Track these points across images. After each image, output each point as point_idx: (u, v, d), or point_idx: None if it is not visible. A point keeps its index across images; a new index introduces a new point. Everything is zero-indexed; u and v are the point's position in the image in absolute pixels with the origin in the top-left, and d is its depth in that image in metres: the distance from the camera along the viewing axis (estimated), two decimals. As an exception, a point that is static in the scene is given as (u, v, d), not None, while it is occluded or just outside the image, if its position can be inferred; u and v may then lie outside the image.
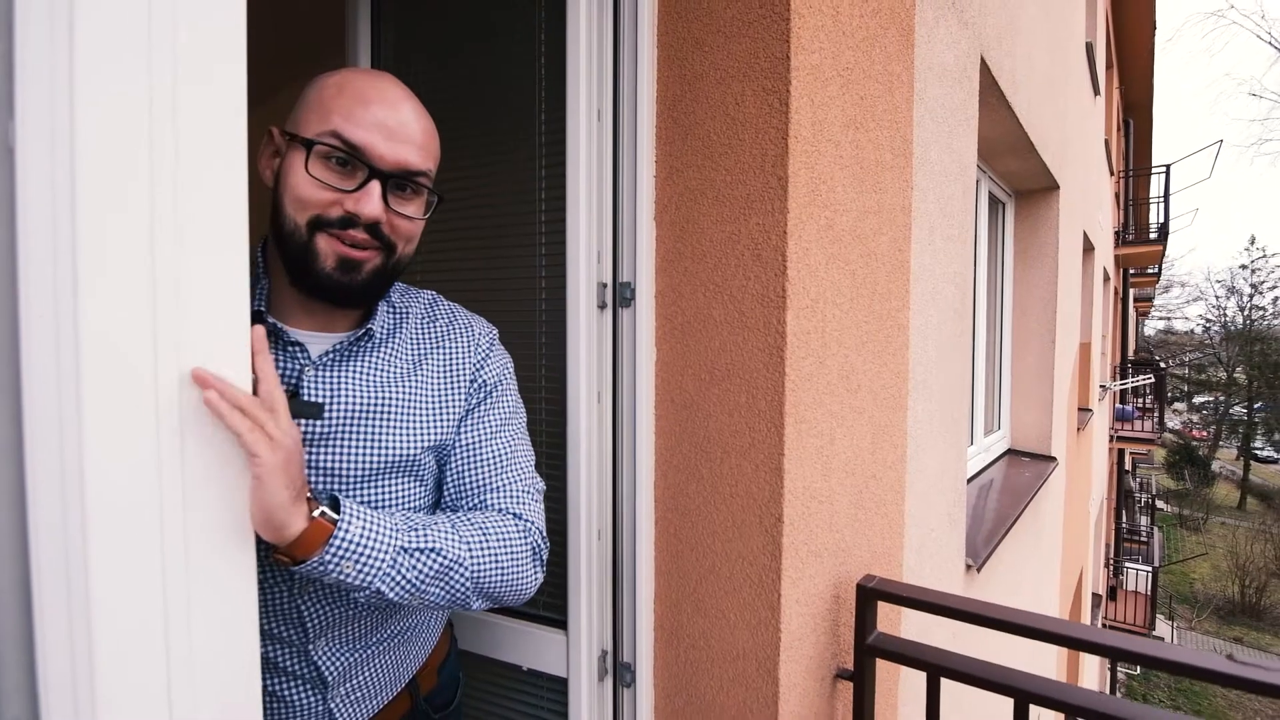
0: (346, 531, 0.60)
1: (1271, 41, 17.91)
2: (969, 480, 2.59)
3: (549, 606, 1.13)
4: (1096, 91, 5.55)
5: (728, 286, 0.95)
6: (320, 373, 0.70)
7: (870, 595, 1.02)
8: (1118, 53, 8.89)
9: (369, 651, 0.77)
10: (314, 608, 0.71)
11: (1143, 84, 10.57)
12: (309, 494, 0.60)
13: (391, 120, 0.67)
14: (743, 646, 0.94)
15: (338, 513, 0.61)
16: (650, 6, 1.00)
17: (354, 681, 0.76)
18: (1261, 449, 34.73)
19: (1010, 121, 2.39)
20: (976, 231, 2.66)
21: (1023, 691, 0.86)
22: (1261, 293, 32.31)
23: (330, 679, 0.73)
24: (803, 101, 0.91)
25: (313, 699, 0.73)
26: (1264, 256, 31.79)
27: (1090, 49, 5.01)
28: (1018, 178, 3.08)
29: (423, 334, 0.79)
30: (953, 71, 1.63)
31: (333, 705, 0.74)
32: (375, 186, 0.65)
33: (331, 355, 0.71)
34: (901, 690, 1.26)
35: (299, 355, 0.69)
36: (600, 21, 1.01)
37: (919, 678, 1.07)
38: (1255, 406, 32.61)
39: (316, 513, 0.59)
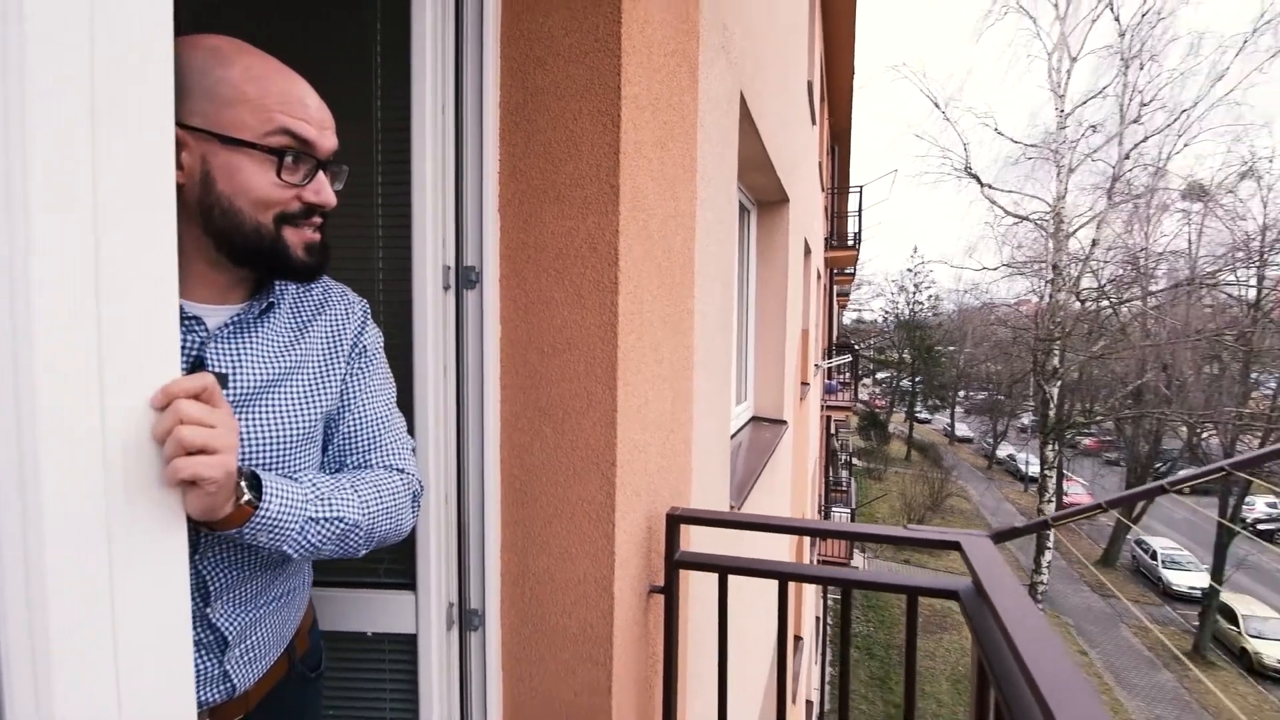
0: (267, 509, 0.66)
1: (927, 94, 23.06)
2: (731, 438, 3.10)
3: (392, 572, 1.20)
4: (814, 121, 6.73)
5: (568, 273, 1.12)
6: (221, 345, 0.72)
7: (678, 520, 1.29)
8: (828, 89, 10.75)
9: (260, 612, 0.80)
10: (215, 569, 0.74)
11: (845, 117, 12.92)
12: None
13: (315, 107, 0.72)
14: (584, 573, 1.13)
15: (258, 490, 0.66)
16: (493, 23, 1.12)
17: (248, 642, 0.79)
18: (920, 412, 44.79)
19: (758, 144, 2.89)
20: (736, 233, 3.16)
21: (782, 574, 1.19)
22: (921, 291, 41.49)
23: (230, 639, 0.76)
24: (629, 124, 1.11)
25: (210, 663, 0.75)
26: (923, 263, 40.76)
27: (810, 86, 6.06)
28: (761, 190, 3.70)
29: (300, 302, 0.83)
30: (723, 102, 1.99)
31: (228, 667, 0.77)
32: (323, 176, 0.71)
33: (230, 327, 0.73)
34: (695, 596, 1.56)
35: (197, 329, 0.71)
36: (444, 26, 1.10)
37: (712, 583, 1.37)
38: (916, 380, 41.94)
39: (244, 500, 0.64)
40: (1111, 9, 15.86)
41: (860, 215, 12.70)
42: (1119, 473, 27.02)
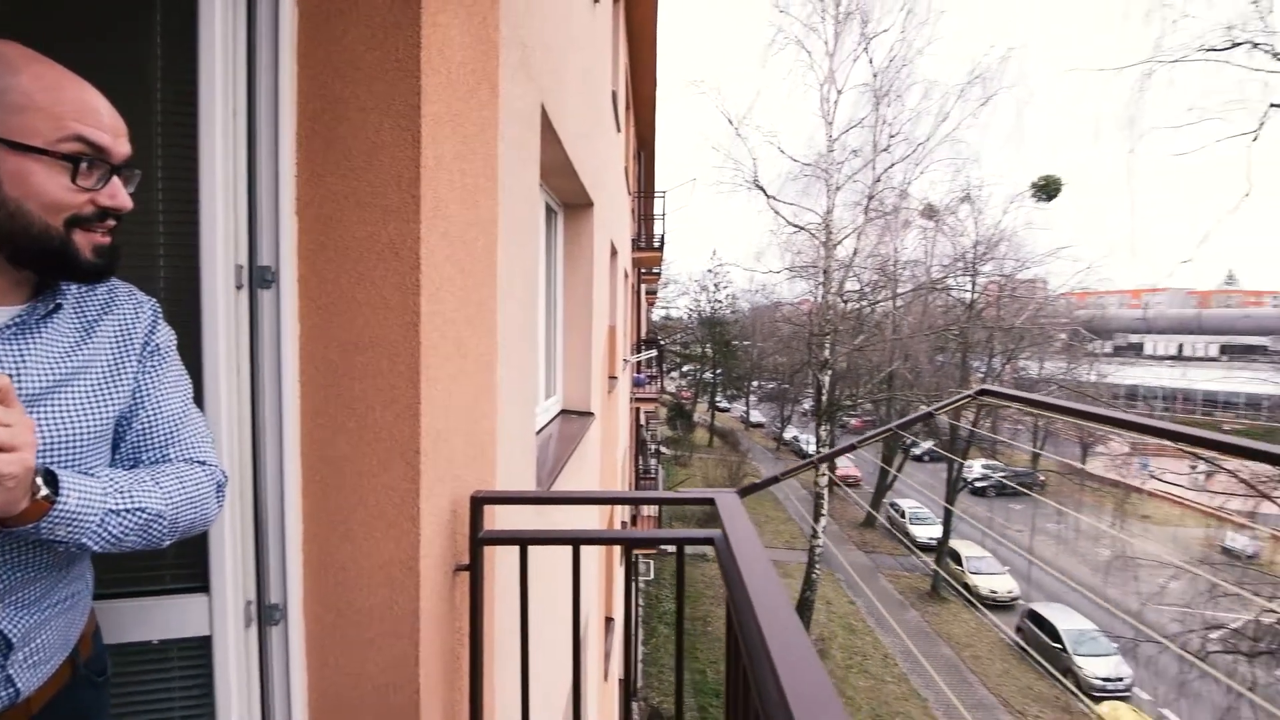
0: (64, 503, 0.68)
1: (723, 111, 25.11)
2: (537, 433, 3.24)
3: (180, 576, 1.17)
4: (619, 129, 7.10)
5: (370, 276, 1.19)
6: (3, 346, 0.71)
7: (481, 502, 1.41)
8: (633, 99, 11.31)
9: (45, 614, 0.78)
10: (1, 570, 0.72)
11: (649, 125, 13.67)
12: None
13: (108, 114, 0.73)
14: (390, 555, 1.21)
15: (55, 486, 0.67)
16: (290, 31, 1.15)
17: (33, 644, 0.77)
18: (721, 402, 48.73)
19: (560, 152, 3.07)
20: (540, 236, 3.31)
21: (574, 539, 1.37)
22: (720, 290, 45.06)
23: (14, 641, 0.74)
24: (429, 139, 1.21)
25: None
26: (721, 264, 44.29)
27: (615, 96, 6.40)
28: (566, 194, 3.89)
29: (84, 303, 0.82)
30: (523, 114, 2.12)
31: (12, 671, 0.75)
32: (118, 180, 0.72)
33: (12, 329, 0.72)
34: (499, 573, 1.69)
35: None
36: (235, 29, 1.11)
37: (514, 557, 1.51)
38: (717, 372, 45.56)
39: (41, 495, 0.65)
40: (867, 52, 18.59)
41: (664, 219, 13.55)
42: (877, 446, 31.79)
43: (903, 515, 27.72)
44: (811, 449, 24.73)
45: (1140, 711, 14.44)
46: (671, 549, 1.54)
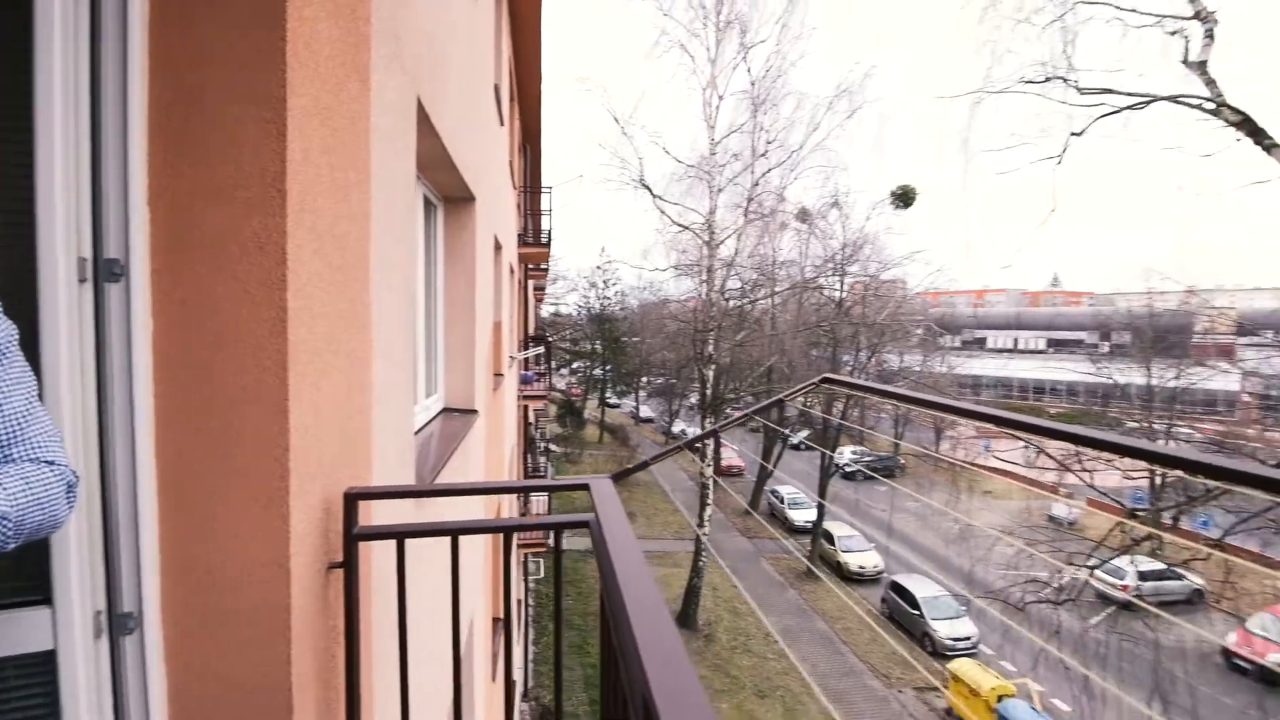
0: None
1: (609, 109, 25.34)
2: (416, 432, 3.19)
3: (20, 590, 1.09)
4: (502, 122, 7.02)
5: (233, 270, 1.16)
6: None
7: (355, 498, 1.41)
8: (519, 91, 11.18)
9: None
10: None
11: (535, 120, 13.55)
12: None
13: None
14: (258, 555, 1.19)
15: None
16: (140, 17, 1.10)
17: None
18: (611, 398, 49.11)
19: (438, 145, 3.03)
20: (418, 231, 3.25)
21: (453, 529, 1.41)
22: (609, 287, 45.36)
23: None
24: (296, 133, 1.20)
25: None
26: (610, 261, 44.57)
27: (497, 89, 6.32)
28: (446, 187, 3.83)
29: None
30: (397, 107, 2.10)
31: None
32: None
33: None
34: (377, 570, 1.68)
35: None
36: (77, 13, 1.05)
37: (391, 554, 1.52)
38: (607, 369, 45.87)
39: None
40: (746, 61, 19.46)
41: (551, 214, 13.50)
42: (759, 436, 33.41)
43: (782, 501, 29.40)
44: (700, 442, 25.61)
45: (984, 665, 16.27)
46: (563, 546, 1.62)
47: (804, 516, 27.41)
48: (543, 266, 16.29)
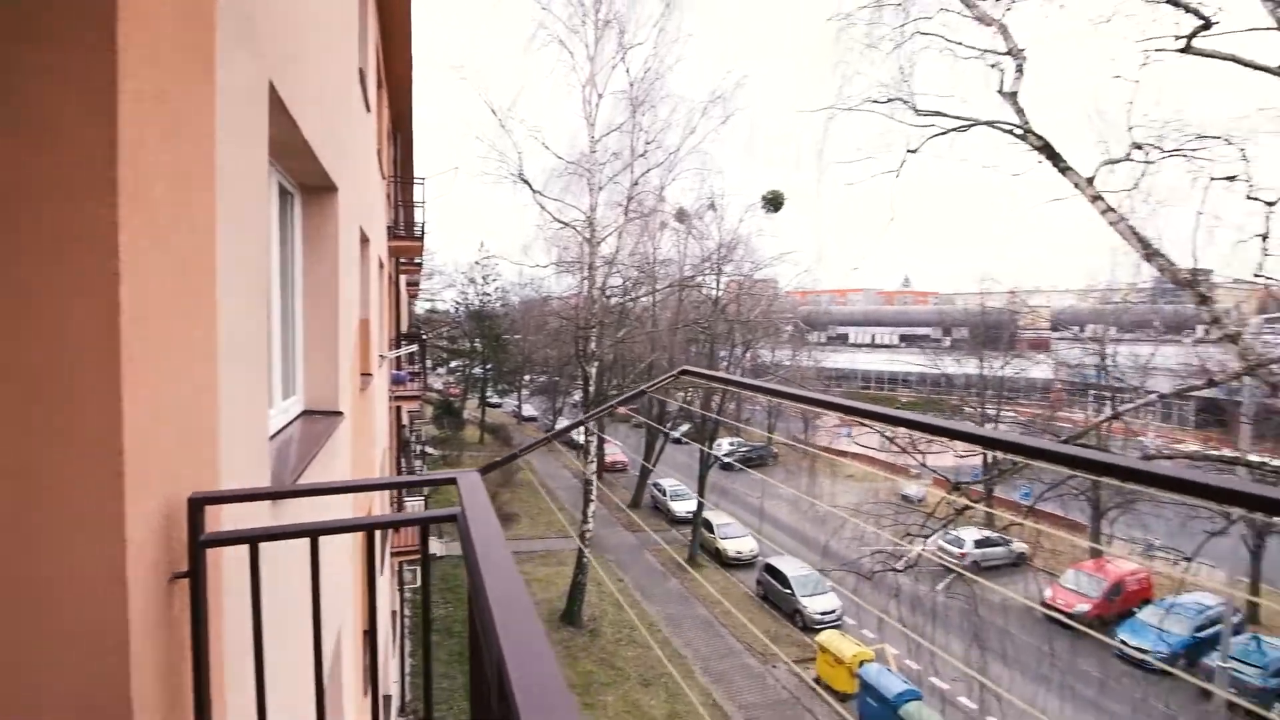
0: None
1: (486, 101, 24.66)
2: (273, 436, 3.00)
3: None
4: (368, 109, 6.68)
5: (62, 264, 1.07)
6: None
7: (201, 503, 1.33)
8: (388, 77, 10.65)
9: None
10: None
11: (406, 107, 12.96)
12: None
13: None
14: (90, 568, 1.11)
15: None
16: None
17: None
18: (492, 397, 47.86)
19: (294, 131, 2.87)
20: (271, 222, 3.05)
21: (312, 531, 1.37)
22: (488, 283, 44.19)
23: None
24: (129, 119, 1.12)
25: None
26: (489, 256, 43.34)
27: (362, 74, 6.01)
28: (305, 176, 3.62)
29: None
30: (247, 92, 1.98)
31: None
32: None
33: None
34: (230, 578, 1.59)
35: None
36: None
37: (245, 562, 1.45)
38: (487, 367, 44.67)
39: None
40: (624, 61, 19.71)
41: (424, 206, 12.98)
42: (641, 433, 34.07)
43: (664, 494, 30.21)
44: (582, 440, 25.69)
45: (847, 635, 17.69)
46: (443, 554, 1.61)
47: (685, 507, 28.34)
48: (416, 261, 15.63)
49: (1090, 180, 5.90)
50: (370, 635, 2.20)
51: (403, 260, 14.08)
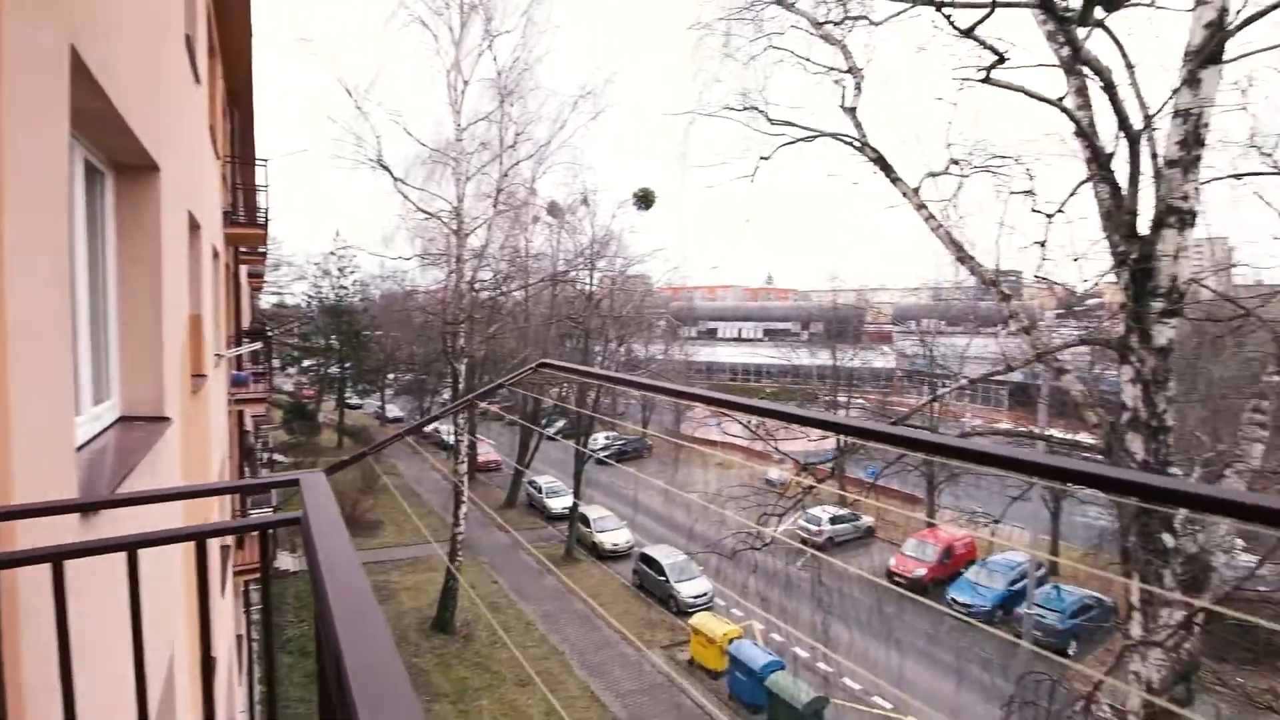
0: None
1: (340, 79, 22.95)
2: (83, 446, 2.64)
3: None
4: (198, 80, 6.00)
5: None
6: None
7: (-15, 526, 1.16)
8: (222, 46, 9.60)
9: None
10: None
11: (244, 81, 11.75)
12: None
13: None
14: None
15: None
16: None
17: None
18: (351, 398, 44.80)
19: (104, 103, 2.53)
20: (75, 206, 2.68)
21: (129, 544, 1.24)
22: (346, 275, 41.23)
23: None
24: None
25: None
26: (346, 247, 40.42)
27: (190, 40, 5.39)
28: (119, 153, 3.20)
29: None
30: (43, 57, 1.73)
31: None
32: None
33: None
34: (29, 606, 1.39)
35: None
36: None
37: (46, 584, 1.28)
38: (345, 366, 41.70)
39: None
40: (491, 49, 19.16)
41: (267, 189, 11.89)
42: (516, 431, 33.49)
43: (540, 491, 29.93)
44: (452, 440, 24.81)
45: (717, 615, 18.54)
46: (296, 570, 1.50)
47: (562, 504, 28.28)
48: (259, 250, 14.27)
49: (916, 190, 6.64)
50: (207, 663, 2.01)
51: (243, 250, 12.80)
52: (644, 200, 29.17)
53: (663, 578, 21.34)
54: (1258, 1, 5.06)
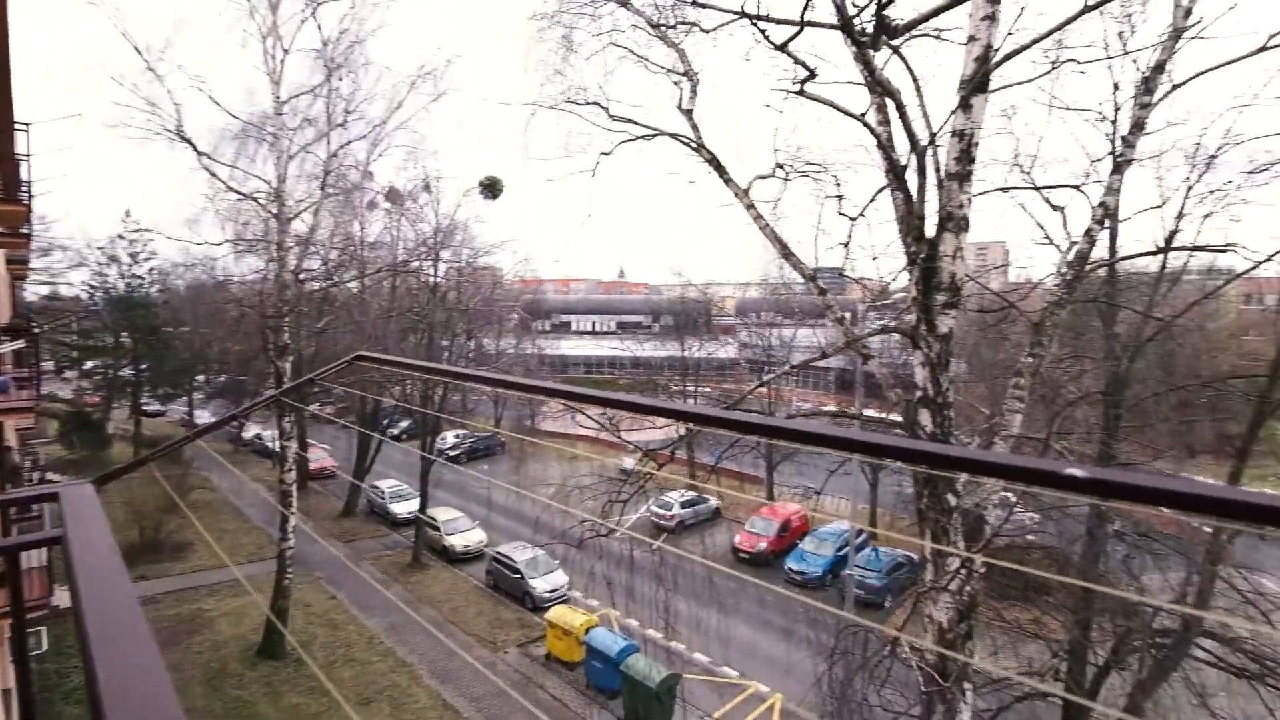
0: None
1: (127, 35, 19.65)
2: None
3: None
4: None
5: None
6: None
7: None
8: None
9: None
10: None
11: (-8, 30, 9.72)
12: None
13: None
14: None
15: None
16: None
17: None
18: (150, 404, 39.04)
19: None
20: None
21: None
22: (140, 263, 35.76)
23: None
24: None
25: None
26: (139, 230, 35.03)
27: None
28: None
29: None
30: None
31: None
32: None
33: None
34: None
35: None
36: None
37: None
38: (141, 368, 36.23)
39: None
40: (315, 17, 17.46)
41: (32, 161, 9.98)
42: (354, 433, 31.18)
43: (383, 496, 28.15)
44: (277, 446, 22.57)
45: (574, 607, 18.62)
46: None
47: (408, 508, 26.83)
48: (22, 231, 11.94)
49: (746, 191, 7.10)
50: None
51: (1, 230, 10.63)
52: (490, 189, 28.33)
53: (517, 575, 21.05)
54: (1014, 42, 6.02)
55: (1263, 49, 6.70)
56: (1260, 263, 9.63)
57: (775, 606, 19.07)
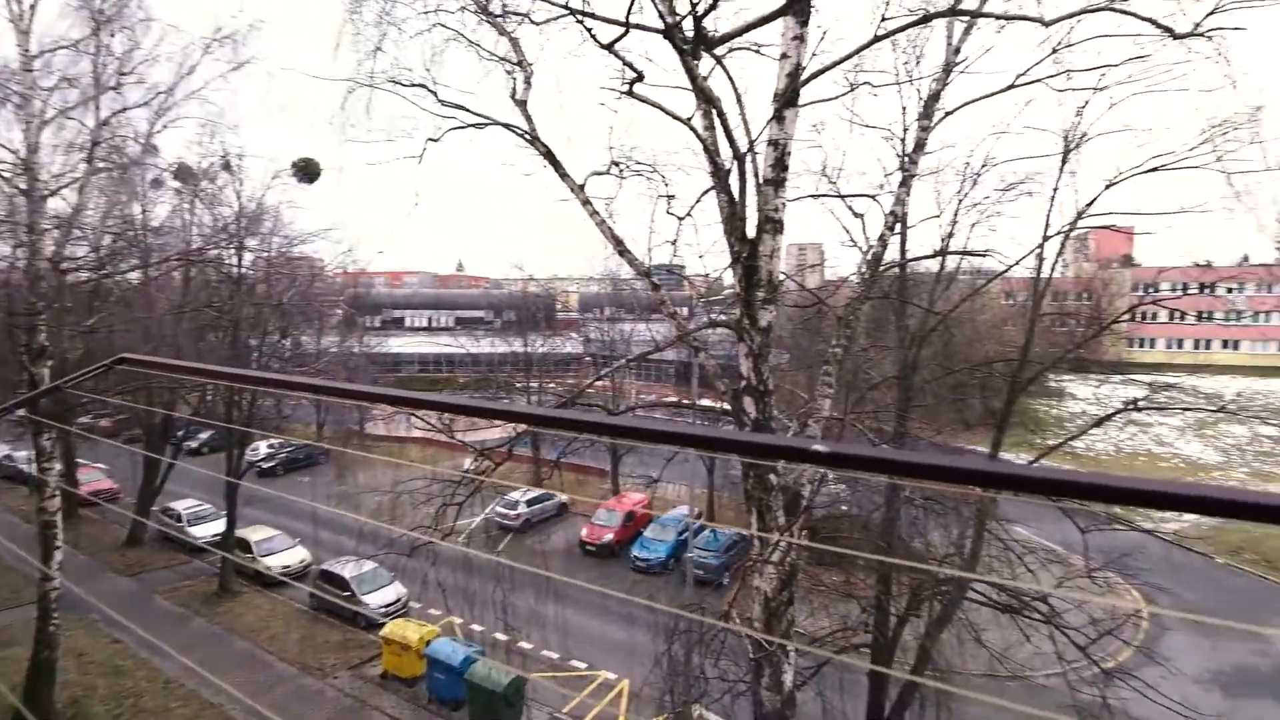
0: None
1: None
2: None
3: None
4: None
5: None
6: None
7: None
8: None
9: None
10: None
11: None
12: None
13: None
14: None
15: None
16: None
17: None
18: None
19: None
20: None
21: None
22: None
23: None
24: None
25: None
26: None
27: None
28: None
29: None
30: None
31: None
32: None
33: None
34: None
35: None
36: None
37: None
38: None
39: None
40: (71, -43, 14.68)
41: None
42: (139, 448, 26.92)
43: (179, 519, 24.63)
44: (35, 470, 18.78)
45: (412, 620, 17.62)
46: None
47: (211, 530, 23.74)
48: None
49: (582, 187, 7.13)
50: None
51: None
52: (305, 172, 25.84)
53: (346, 592, 19.48)
54: (819, 62, 6.64)
55: (1011, 86, 8.03)
56: (1011, 265, 11.61)
57: (624, 595, 19.52)
